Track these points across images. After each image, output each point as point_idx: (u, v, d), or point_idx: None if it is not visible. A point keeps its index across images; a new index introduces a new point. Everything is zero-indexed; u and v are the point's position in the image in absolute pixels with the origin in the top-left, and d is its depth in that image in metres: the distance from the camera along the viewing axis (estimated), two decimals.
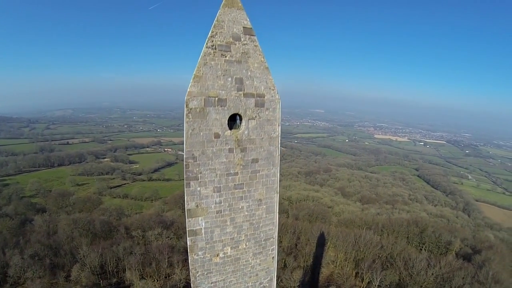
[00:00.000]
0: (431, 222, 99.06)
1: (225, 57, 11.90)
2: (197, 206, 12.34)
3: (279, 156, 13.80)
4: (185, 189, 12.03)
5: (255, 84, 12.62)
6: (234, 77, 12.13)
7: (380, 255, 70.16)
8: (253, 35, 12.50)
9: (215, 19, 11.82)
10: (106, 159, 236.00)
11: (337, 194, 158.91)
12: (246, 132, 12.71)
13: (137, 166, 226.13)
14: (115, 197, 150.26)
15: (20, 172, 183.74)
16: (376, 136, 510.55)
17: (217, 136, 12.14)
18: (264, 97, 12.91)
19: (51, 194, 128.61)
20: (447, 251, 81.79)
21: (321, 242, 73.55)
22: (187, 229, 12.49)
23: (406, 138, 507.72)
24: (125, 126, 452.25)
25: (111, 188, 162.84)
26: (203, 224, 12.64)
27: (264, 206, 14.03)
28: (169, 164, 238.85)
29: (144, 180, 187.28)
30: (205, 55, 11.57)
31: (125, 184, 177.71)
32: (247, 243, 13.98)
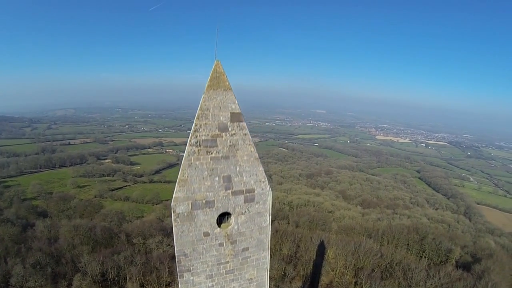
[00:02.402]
0: (432, 229, 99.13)
1: (211, 154, 11.20)
2: None
3: (269, 242, 13.47)
4: (178, 279, 12.02)
5: (244, 179, 11.95)
6: (222, 175, 11.48)
7: (380, 264, 70.29)
8: (241, 121, 11.65)
9: (199, 107, 10.93)
10: (107, 161, 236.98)
11: (338, 198, 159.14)
12: (236, 227, 12.36)
13: (138, 167, 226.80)
14: (116, 200, 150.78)
15: (21, 174, 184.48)
16: (377, 137, 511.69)
17: (206, 234, 11.85)
18: (254, 192, 12.24)
19: (53, 197, 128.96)
20: (447, 259, 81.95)
21: (321, 250, 73.69)
22: None
23: (408, 139, 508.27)
24: (127, 126, 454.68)
25: (112, 190, 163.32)
26: None
27: (255, 283, 13.80)
28: (170, 166, 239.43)
29: (145, 182, 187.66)
30: (189, 155, 10.97)
31: (126, 186, 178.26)
32: None
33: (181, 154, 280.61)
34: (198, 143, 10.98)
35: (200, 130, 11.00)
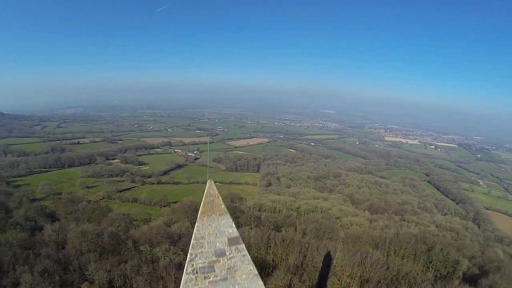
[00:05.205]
0: (440, 238, 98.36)
1: (209, 278, 10.77)
2: None
3: None
4: None
5: None
6: None
7: (386, 277, 69.56)
8: (240, 244, 11.22)
9: (193, 236, 10.53)
10: (116, 161, 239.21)
11: (346, 202, 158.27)
12: None
13: (147, 168, 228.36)
14: (124, 201, 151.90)
15: (31, 173, 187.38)
16: (386, 138, 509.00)
17: None
18: None
19: (61, 199, 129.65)
20: (454, 271, 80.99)
21: (327, 260, 73.37)
22: None
23: (417, 141, 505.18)
24: (136, 125, 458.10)
25: (120, 191, 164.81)
26: None
27: None
28: (179, 166, 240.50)
29: (153, 183, 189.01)
30: (186, 282, 10.52)
31: (134, 187, 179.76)
32: None
33: (189, 154, 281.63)
34: (195, 271, 10.61)
35: (196, 259, 10.60)
